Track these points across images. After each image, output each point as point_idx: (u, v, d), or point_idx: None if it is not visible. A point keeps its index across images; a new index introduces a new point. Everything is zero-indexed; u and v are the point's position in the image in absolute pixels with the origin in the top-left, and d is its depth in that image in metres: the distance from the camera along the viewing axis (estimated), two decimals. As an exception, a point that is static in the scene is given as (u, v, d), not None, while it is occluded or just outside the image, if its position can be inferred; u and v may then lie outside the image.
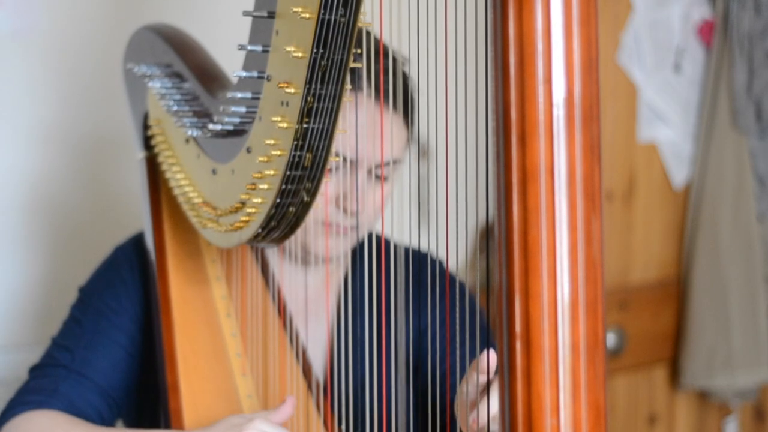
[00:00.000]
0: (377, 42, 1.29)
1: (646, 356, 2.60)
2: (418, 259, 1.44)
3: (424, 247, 1.45)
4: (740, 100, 2.54)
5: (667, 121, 2.58)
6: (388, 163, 1.39)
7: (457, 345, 1.32)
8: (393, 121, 1.38)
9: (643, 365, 2.60)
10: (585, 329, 0.81)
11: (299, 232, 1.40)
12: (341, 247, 1.43)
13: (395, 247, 1.45)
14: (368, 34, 1.20)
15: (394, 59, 1.36)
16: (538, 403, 0.80)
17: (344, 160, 1.35)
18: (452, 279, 1.49)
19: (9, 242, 1.93)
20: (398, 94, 1.38)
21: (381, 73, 1.31)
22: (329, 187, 1.37)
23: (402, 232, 1.43)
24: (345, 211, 1.38)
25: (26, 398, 1.39)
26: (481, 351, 1.17)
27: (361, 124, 1.34)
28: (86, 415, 1.39)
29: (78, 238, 1.97)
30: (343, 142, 1.33)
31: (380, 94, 1.34)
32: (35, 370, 1.45)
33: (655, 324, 2.61)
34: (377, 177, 1.39)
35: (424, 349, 1.46)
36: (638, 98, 2.54)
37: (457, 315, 1.35)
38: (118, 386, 1.42)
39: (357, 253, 1.50)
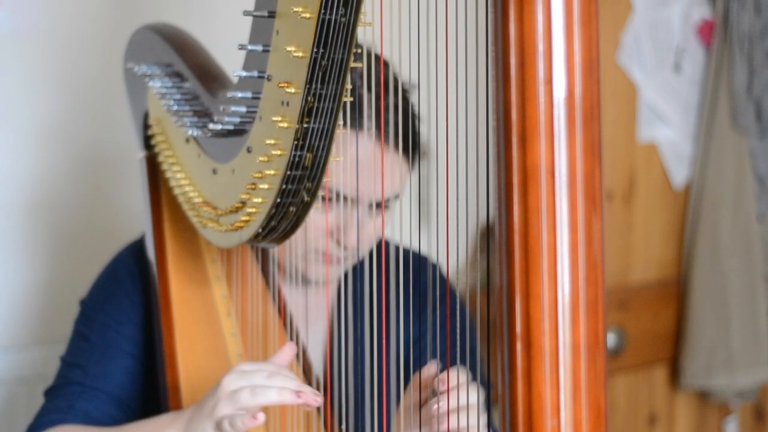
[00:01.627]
0: (378, 75, 1.30)
1: (646, 356, 2.60)
2: (417, 262, 1.44)
3: (423, 250, 1.45)
4: (740, 100, 2.54)
5: (667, 121, 2.58)
6: (387, 199, 1.40)
7: (451, 353, 1.32)
8: (394, 158, 1.38)
9: (643, 365, 2.60)
10: (585, 330, 0.81)
11: (294, 257, 1.41)
12: (335, 273, 1.45)
13: (395, 248, 1.45)
14: (359, 70, 1.21)
15: (398, 92, 1.36)
16: (539, 404, 0.80)
17: (342, 197, 1.36)
18: (450, 288, 1.49)
19: (9, 242, 1.93)
20: (399, 131, 1.38)
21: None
22: (325, 218, 1.37)
23: (402, 232, 1.43)
24: (339, 244, 1.39)
25: (42, 420, 1.39)
26: (469, 367, 1.19)
27: (360, 162, 1.34)
28: (105, 425, 1.38)
29: (78, 239, 1.97)
30: (341, 179, 1.34)
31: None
32: (50, 393, 1.44)
33: (655, 324, 2.61)
34: (376, 207, 1.40)
35: (417, 359, 1.46)
36: (638, 98, 2.54)
37: (455, 327, 1.35)
38: (134, 395, 1.42)
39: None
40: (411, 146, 1.40)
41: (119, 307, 1.45)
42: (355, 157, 1.34)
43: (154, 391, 1.42)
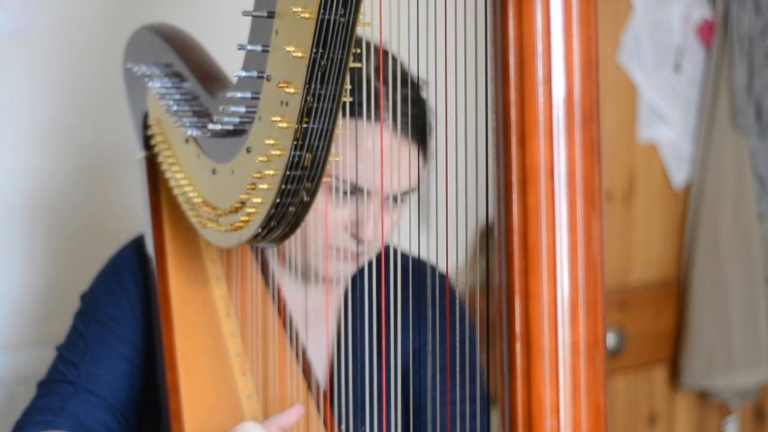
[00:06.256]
0: (396, 69, 1.30)
1: (646, 356, 2.60)
2: (418, 270, 1.44)
3: (424, 254, 1.45)
4: (740, 100, 2.54)
5: (667, 121, 2.58)
6: (402, 193, 1.39)
7: (450, 364, 1.31)
8: (411, 151, 1.38)
9: (643, 365, 2.60)
10: (585, 330, 0.81)
11: (304, 252, 1.40)
12: (348, 270, 1.42)
13: (395, 253, 1.44)
14: (385, 55, 1.20)
15: (413, 86, 1.36)
16: (538, 404, 0.80)
17: (360, 189, 1.35)
18: (452, 295, 1.48)
19: (9, 242, 1.93)
20: (417, 123, 1.37)
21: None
22: (342, 212, 1.37)
23: (402, 232, 1.43)
24: (355, 238, 1.37)
25: (34, 419, 1.38)
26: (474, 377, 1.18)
27: (377, 155, 1.33)
28: (95, 431, 1.38)
29: (78, 238, 1.97)
30: (359, 171, 1.34)
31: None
32: (42, 387, 1.43)
33: (655, 324, 2.61)
34: (392, 201, 1.39)
35: (416, 368, 1.46)
36: (638, 98, 2.54)
37: (456, 336, 1.35)
38: (125, 399, 1.41)
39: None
40: (427, 137, 1.40)
41: (117, 306, 1.44)
42: (371, 150, 1.33)
43: (153, 392, 1.42)
